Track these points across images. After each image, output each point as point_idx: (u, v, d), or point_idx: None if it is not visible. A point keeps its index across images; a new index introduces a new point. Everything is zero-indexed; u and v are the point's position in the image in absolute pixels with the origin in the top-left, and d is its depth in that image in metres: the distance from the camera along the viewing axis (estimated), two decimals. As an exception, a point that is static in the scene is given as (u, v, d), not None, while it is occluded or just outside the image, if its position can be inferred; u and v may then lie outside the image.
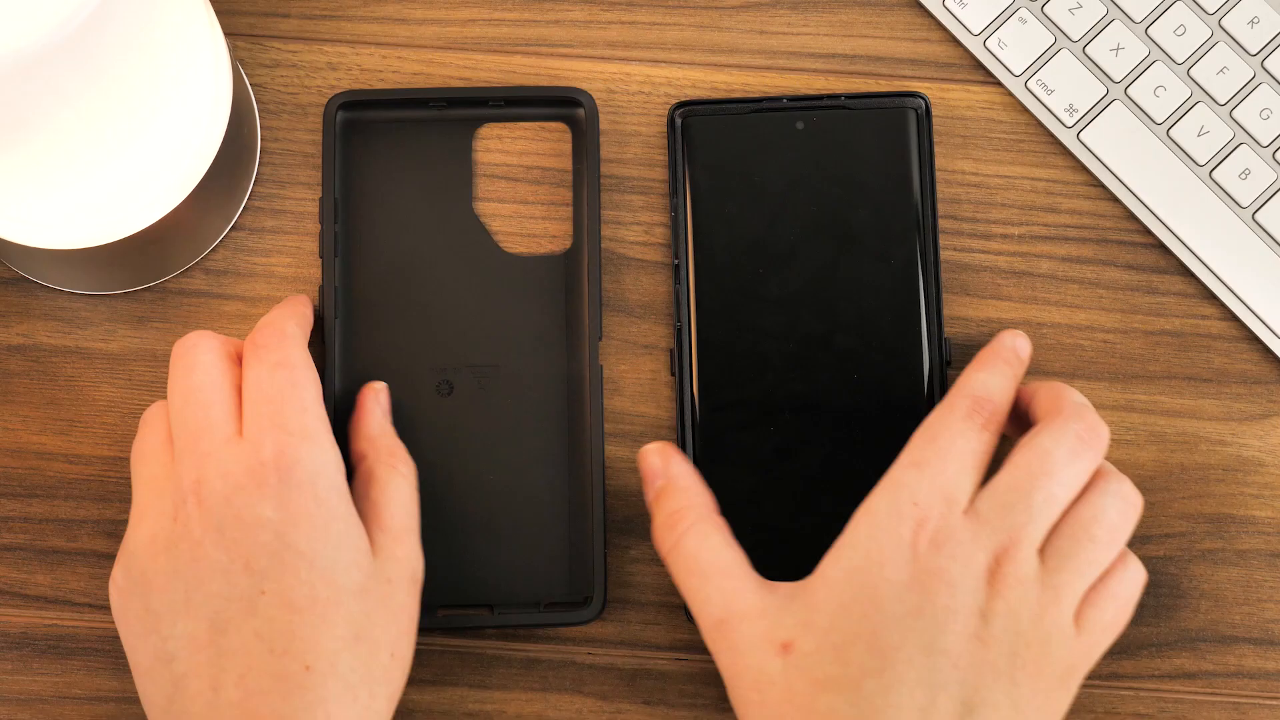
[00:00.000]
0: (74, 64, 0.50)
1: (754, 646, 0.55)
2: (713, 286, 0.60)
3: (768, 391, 0.60)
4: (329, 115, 0.63)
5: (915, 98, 0.62)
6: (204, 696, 0.54)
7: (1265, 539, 0.64)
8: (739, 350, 0.60)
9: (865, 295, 0.60)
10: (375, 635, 0.55)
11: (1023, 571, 0.54)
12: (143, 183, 0.59)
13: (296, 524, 0.55)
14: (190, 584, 0.55)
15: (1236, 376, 0.65)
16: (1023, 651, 0.54)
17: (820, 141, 0.61)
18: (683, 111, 0.62)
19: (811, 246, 0.61)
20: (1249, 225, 0.65)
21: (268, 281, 0.64)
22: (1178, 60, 0.66)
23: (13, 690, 0.62)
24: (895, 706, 0.52)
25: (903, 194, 0.61)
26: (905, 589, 0.54)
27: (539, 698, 0.62)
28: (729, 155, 0.61)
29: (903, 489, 0.55)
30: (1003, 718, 0.53)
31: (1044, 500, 0.55)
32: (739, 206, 0.61)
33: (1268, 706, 0.63)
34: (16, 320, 0.64)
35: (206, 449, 0.56)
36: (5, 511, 0.63)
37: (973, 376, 0.57)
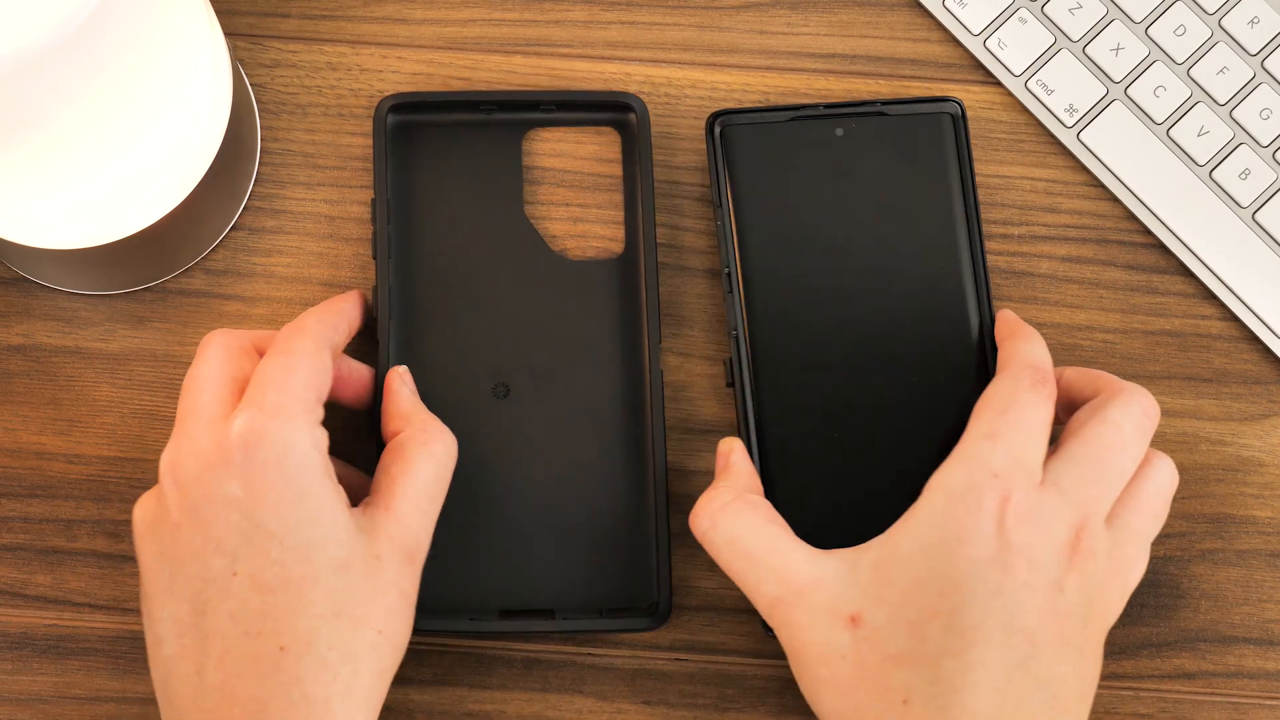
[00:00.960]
0: (74, 64, 0.50)
1: (816, 620, 0.54)
2: (765, 294, 0.60)
3: (827, 396, 0.59)
4: (379, 116, 0.63)
5: (950, 102, 0.62)
6: (190, 680, 0.54)
7: (1265, 539, 0.64)
8: (795, 357, 0.60)
9: (916, 297, 0.60)
10: (357, 611, 0.54)
11: (1097, 544, 0.54)
12: (143, 183, 0.59)
13: (264, 502, 0.54)
14: (173, 566, 0.55)
15: (1236, 376, 0.65)
16: (1090, 622, 0.54)
17: (860, 148, 0.61)
18: (722, 120, 0.62)
19: (860, 251, 0.60)
20: (1249, 225, 0.65)
21: (268, 281, 0.64)
22: (1178, 60, 0.66)
23: (13, 690, 0.62)
24: (973, 686, 0.52)
25: (945, 197, 0.61)
26: (987, 566, 0.53)
27: (539, 698, 0.62)
28: (771, 163, 0.61)
29: (980, 461, 0.54)
30: (1070, 689, 0.53)
31: (1117, 473, 0.55)
32: (784, 213, 0.61)
33: (1268, 706, 0.63)
34: (16, 320, 0.64)
35: (187, 430, 0.56)
36: (5, 511, 0.63)
37: (1023, 348, 0.57)
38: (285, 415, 0.55)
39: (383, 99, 0.63)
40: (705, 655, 0.62)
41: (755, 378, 0.59)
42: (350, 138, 0.65)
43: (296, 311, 0.64)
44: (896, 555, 0.54)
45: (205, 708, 0.53)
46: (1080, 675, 0.54)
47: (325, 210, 0.65)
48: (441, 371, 0.61)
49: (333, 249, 0.65)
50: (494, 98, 0.64)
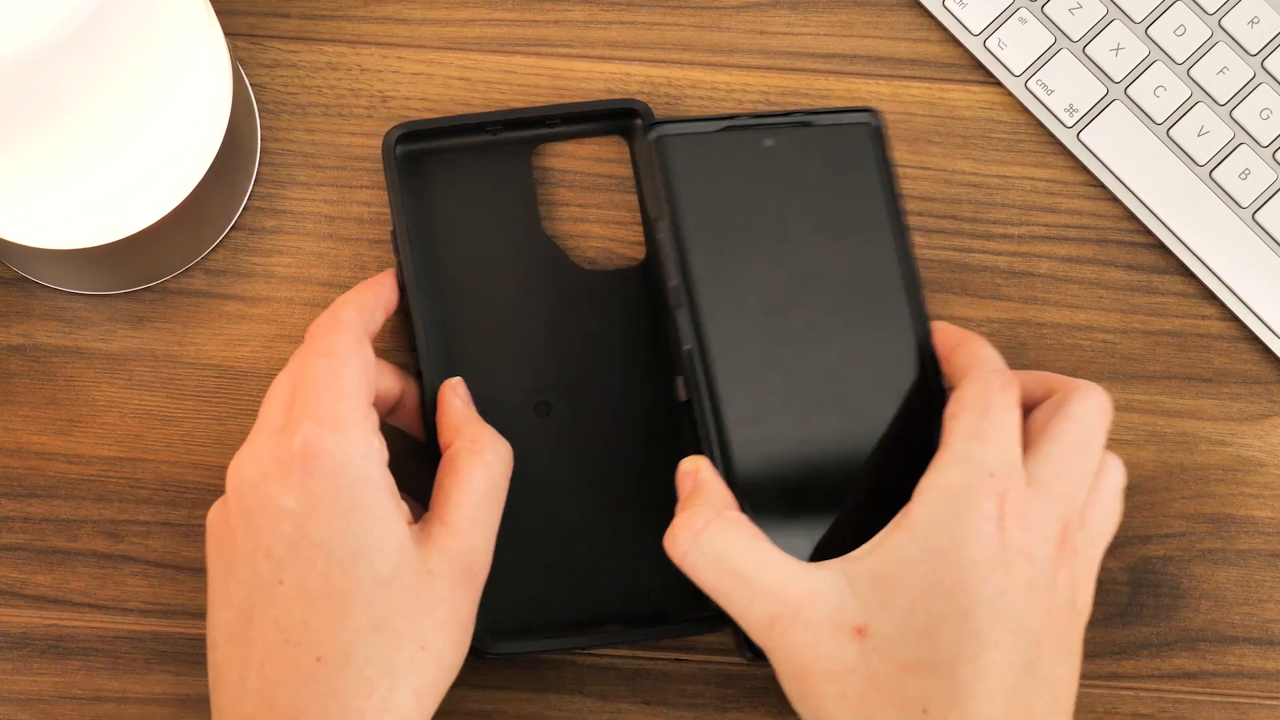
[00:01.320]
0: (74, 64, 0.50)
1: (818, 636, 0.52)
2: (715, 307, 0.59)
3: (785, 407, 0.58)
4: (388, 147, 0.62)
5: (869, 112, 0.61)
6: (234, 686, 0.54)
7: (1265, 539, 0.64)
8: (750, 370, 0.59)
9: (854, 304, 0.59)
10: (398, 626, 0.54)
11: (1078, 541, 0.54)
12: (143, 183, 0.59)
13: (315, 513, 0.54)
14: (226, 571, 0.55)
15: (1236, 376, 0.65)
16: (1076, 619, 0.54)
17: (789, 158, 0.60)
18: (657, 130, 0.60)
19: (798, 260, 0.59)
20: (1249, 225, 0.65)
21: (268, 281, 0.64)
22: (1178, 60, 0.66)
23: (13, 690, 0.62)
24: (988, 691, 0.51)
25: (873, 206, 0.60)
26: (991, 568, 0.52)
27: (539, 698, 0.62)
28: (706, 173, 0.60)
29: (974, 462, 0.53)
30: (1067, 689, 0.53)
31: (1088, 470, 0.55)
32: (724, 225, 0.60)
33: (1268, 706, 0.63)
34: (16, 320, 0.64)
35: (254, 439, 0.56)
36: (5, 511, 0.63)
37: (983, 353, 0.57)
38: (341, 427, 0.55)
39: (390, 130, 0.63)
40: (705, 655, 0.62)
41: (713, 393, 0.57)
42: (350, 138, 0.66)
43: (296, 312, 0.64)
44: (898, 561, 0.53)
45: (245, 712, 0.53)
46: (1073, 675, 0.54)
47: (325, 210, 0.65)
48: (483, 395, 0.60)
49: (333, 249, 0.65)
50: (500, 118, 0.64)
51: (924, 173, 0.66)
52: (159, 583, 0.63)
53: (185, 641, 0.62)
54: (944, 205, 0.66)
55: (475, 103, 0.66)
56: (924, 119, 0.66)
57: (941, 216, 0.66)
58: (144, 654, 0.62)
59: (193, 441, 0.63)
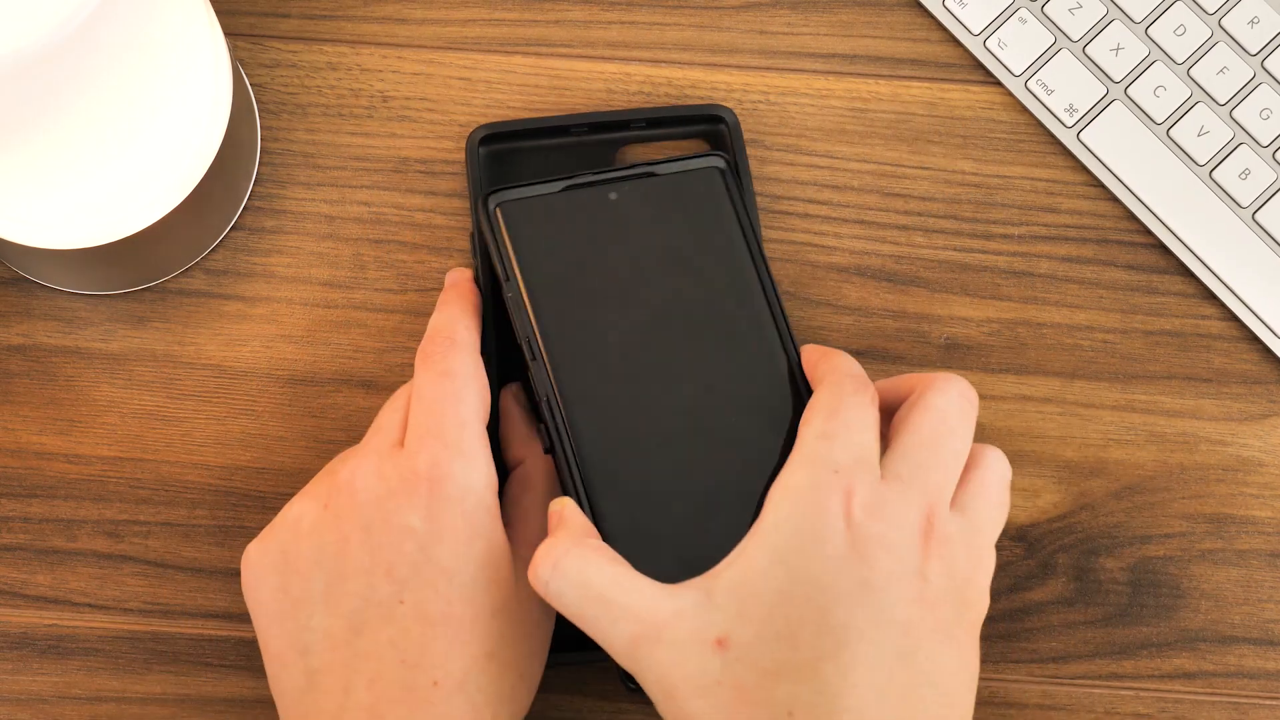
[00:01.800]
0: (74, 64, 0.50)
1: (683, 653, 0.51)
2: (569, 358, 0.59)
3: (650, 448, 0.58)
4: (471, 148, 0.63)
5: (715, 156, 0.61)
6: (335, 697, 0.54)
7: (1265, 539, 0.64)
8: (610, 415, 0.58)
9: (719, 342, 0.59)
10: (506, 656, 0.55)
11: (949, 529, 0.53)
12: (143, 183, 0.59)
13: (441, 538, 0.54)
14: (331, 577, 0.55)
15: (1236, 376, 0.65)
16: (961, 609, 0.53)
17: (636, 209, 0.61)
18: (495, 198, 0.60)
19: (655, 306, 0.59)
20: (1249, 225, 0.65)
21: (268, 281, 0.64)
22: (1178, 60, 0.66)
23: (13, 690, 0.62)
24: (854, 686, 0.50)
25: (727, 246, 0.60)
26: (846, 562, 0.51)
27: (539, 698, 0.62)
28: (551, 233, 0.60)
29: (819, 461, 0.53)
30: (954, 680, 0.52)
31: (951, 456, 0.54)
32: (573, 279, 0.59)
33: (1268, 706, 0.63)
34: (16, 320, 0.64)
35: (375, 447, 0.56)
36: (5, 511, 0.63)
37: (837, 363, 0.56)
38: (469, 456, 0.55)
39: (474, 129, 0.63)
40: (705, 655, 0.62)
41: (571, 438, 0.57)
42: (350, 138, 0.66)
43: (296, 312, 0.64)
44: (752, 569, 0.52)
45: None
46: (964, 666, 0.53)
47: (325, 210, 0.65)
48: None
49: (333, 249, 0.65)
50: (586, 120, 0.64)
51: (924, 173, 0.66)
52: (159, 583, 0.63)
53: (185, 641, 0.62)
54: (944, 205, 0.66)
55: (475, 102, 0.66)
56: (924, 119, 0.66)
57: (941, 216, 0.66)
58: (144, 654, 0.62)
59: (193, 441, 0.63)
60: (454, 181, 0.65)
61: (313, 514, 0.56)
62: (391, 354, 0.64)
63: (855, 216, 0.66)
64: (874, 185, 0.66)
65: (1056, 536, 0.64)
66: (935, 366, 0.64)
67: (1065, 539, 0.64)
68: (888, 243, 0.65)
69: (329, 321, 0.64)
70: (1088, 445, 0.64)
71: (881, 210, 0.66)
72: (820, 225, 0.66)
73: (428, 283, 0.65)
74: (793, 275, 0.65)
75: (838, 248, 0.65)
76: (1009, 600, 0.63)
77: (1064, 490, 0.64)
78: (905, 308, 0.65)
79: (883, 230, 0.66)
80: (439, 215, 0.65)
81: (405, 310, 0.64)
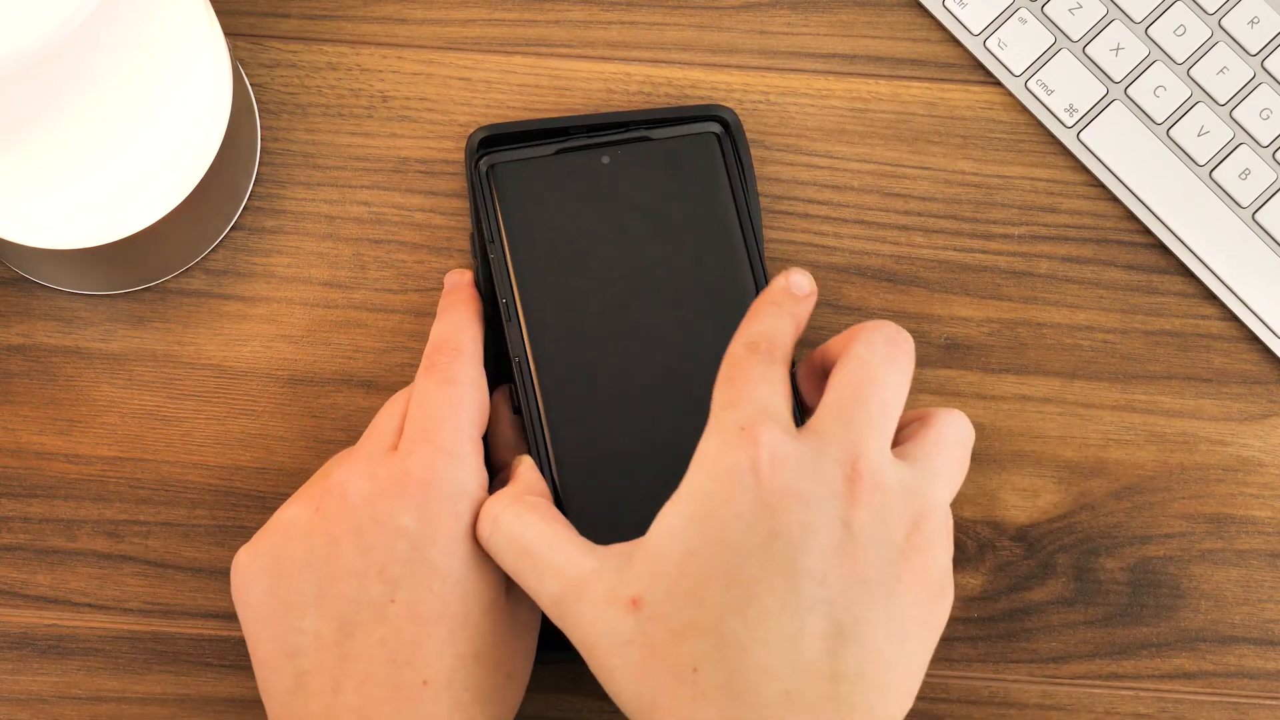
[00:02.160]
0: (74, 64, 0.50)
1: (599, 611, 0.51)
2: (544, 321, 0.59)
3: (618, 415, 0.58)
4: (470, 150, 0.62)
5: (715, 121, 0.61)
6: (324, 698, 0.54)
7: (1265, 539, 0.64)
8: (581, 379, 0.59)
9: (698, 312, 0.59)
10: (495, 656, 0.55)
11: (882, 477, 0.52)
12: (143, 183, 0.59)
13: (435, 538, 0.55)
14: (322, 579, 0.55)
15: (1236, 376, 0.65)
16: (898, 560, 0.51)
17: (628, 173, 0.61)
18: (488, 159, 0.61)
19: (637, 273, 0.60)
20: (1249, 225, 0.65)
21: (268, 281, 0.64)
22: (1178, 60, 0.66)
23: (13, 690, 0.62)
24: (761, 641, 0.50)
25: (717, 213, 0.61)
26: (755, 516, 0.51)
27: (539, 698, 0.62)
28: (540, 195, 0.60)
29: (725, 424, 0.52)
30: (880, 632, 0.50)
31: (879, 406, 0.53)
32: (558, 243, 0.60)
33: (1268, 706, 0.63)
34: (16, 320, 0.64)
35: (368, 451, 0.57)
36: (5, 511, 0.63)
37: (741, 329, 0.55)
38: (461, 460, 0.56)
39: (472, 133, 0.63)
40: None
41: (538, 401, 0.58)
42: (350, 138, 0.66)
43: (296, 312, 0.64)
44: (665, 531, 0.52)
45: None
46: (894, 620, 0.51)
47: (325, 210, 0.65)
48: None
49: (333, 249, 0.65)
50: (586, 122, 0.63)
51: (924, 173, 0.66)
52: (159, 583, 0.63)
53: (185, 641, 0.62)
54: (944, 205, 0.66)
55: (475, 102, 0.66)
56: (924, 119, 0.66)
57: (941, 216, 0.66)
58: (144, 654, 0.62)
59: (193, 441, 0.63)
60: (454, 181, 0.65)
61: (304, 517, 0.56)
62: (391, 354, 0.64)
63: (855, 216, 0.66)
64: (874, 185, 0.66)
65: (1056, 536, 0.64)
66: (935, 366, 0.65)
67: (1065, 539, 0.64)
68: (888, 243, 0.65)
69: (329, 321, 0.64)
70: (1088, 445, 0.64)
71: (881, 210, 0.66)
72: (820, 225, 0.66)
73: (428, 283, 0.65)
74: (793, 275, 0.65)
75: (838, 248, 0.65)
76: (1009, 600, 0.63)
77: (1064, 490, 0.64)
78: (905, 308, 0.65)
79: (883, 230, 0.66)
80: (439, 215, 0.65)
81: (405, 310, 0.64)
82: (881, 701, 0.50)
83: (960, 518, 0.64)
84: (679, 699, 0.50)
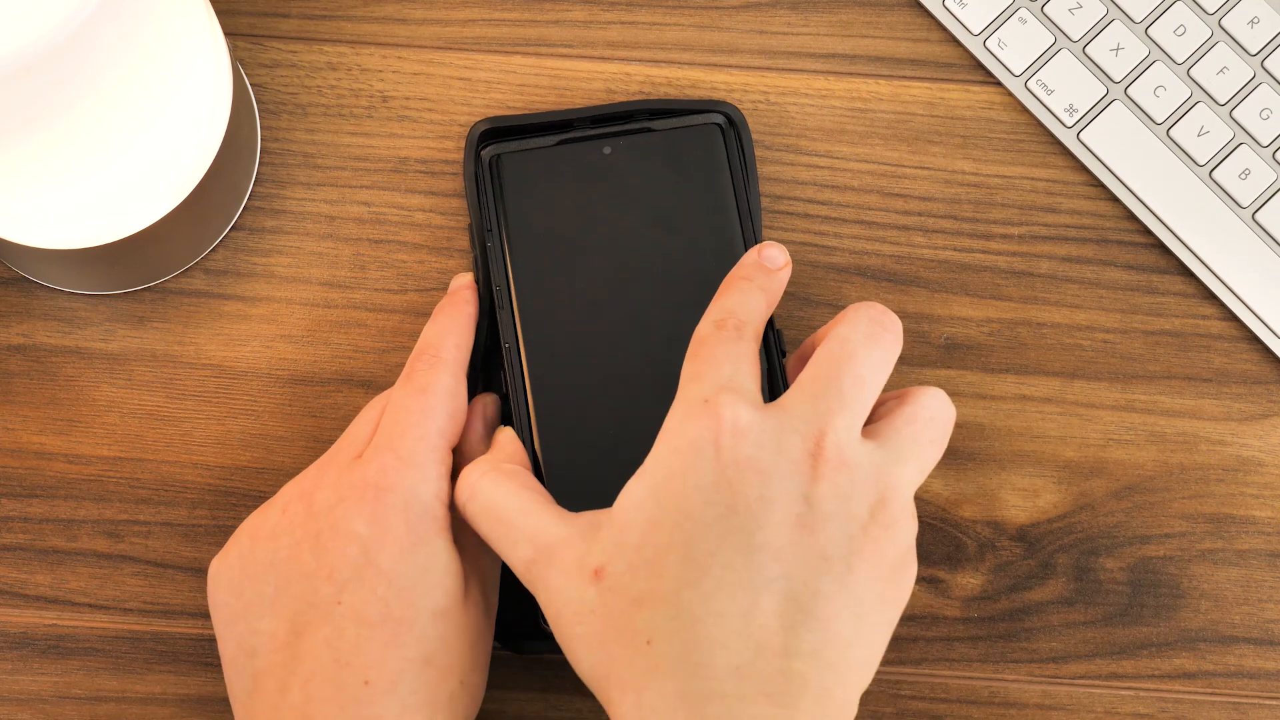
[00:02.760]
0: (74, 64, 0.50)
1: (567, 579, 0.52)
2: (537, 310, 0.60)
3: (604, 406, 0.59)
4: (471, 143, 0.63)
5: (718, 113, 0.62)
6: (272, 697, 0.54)
7: (1265, 539, 0.64)
8: (570, 370, 0.59)
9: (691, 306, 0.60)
10: (446, 660, 0.55)
11: (848, 454, 0.51)
12: (143, 182, 0.59)
13: (384, 543, 0.55)
14: (280, 581, 0.55)
15: (1236, 376, 0.65)
16: (859, 536, 0.51)
17: (630, 165, 0.61)
18: (490, 149, 0.61)
19: (633, 266, 0.60)
20: (1249, 225, 0.65)
21: (268, 281, 0.64)
22: (1178, 60, 0.66)
23: (13, 690, 0.62)
24: (716, 614, 0.49)
25: (717, 207, 0.61)
26: (714, 489, 0.51)
27: (539, 698, 0.62)
28: (541, 186, 0.61)
29: (689, 399, 0.52)
30: (837, 609, 0.50)
31: (853, 383, 0.52)
32: (556, 233, 0.60)
33: (1268, 706, 0.63)
34: (16, 320, 0.64)
35: (335, 460, 0.57)
36: (5, 511, 0.63)
37: (711, 305, 0.55)
38: (418, 466, 0.56)
39: (474, 125, 0.63)
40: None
41: (531, 392, 0.59)
42: (350, 138, 0.66)
43: (296, 312, 0.64)
44: (630, 502, 0.52)
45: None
46: (854, 595, 0.50)
47: (325, 210, 0.65)
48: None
49: (333, 249, 0.65)
50: (589, 114, 0.63)
51: (924, 173, 0.66)
52: (159, 583, 0.63)
53: (185, 641, 0.62)
54: (944, 205, 0.66)
55: (475, 102, 0.66)
56: (924, 119, 0.66)
57: (941, 216, 0.66)
58: (144, 654, 0.62)
59: (193, 441, 0.63)
60: (454, 181, 0.65)
61: (270, 522, 0.57)
62: (391, 354, 0.64)
63: (855, 216, 0.66)
64: (874, 185, 0.66)
65: (1056, 536, 0.64)
66: (935, 366, 0.65)
67: (1065, 539, 0.64)
68: (888, 243, 0.65)
69: (329, 321, 0.64)
70: (1088, 445, 0.64)
71: (881, 210, 0.66)
72: (820, 225, 0.66)
73: (427, 283, 0.65)
74: (793, 275, 0.65)
75: (838, 248, 0.65)
76: (1009, 600, 0.63)
77: (1064, 490, 0.64)
78: (905, 308, 0.65)
79: (883, 230, 0.66)
80: (439, 215, 0.65)
81: (405, 310, 0.64)
82: (836, 678, 0.50)
83: (960, 518, 0.64)
84: (632, 669, 0.50)
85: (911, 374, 0.64)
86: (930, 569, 0.63)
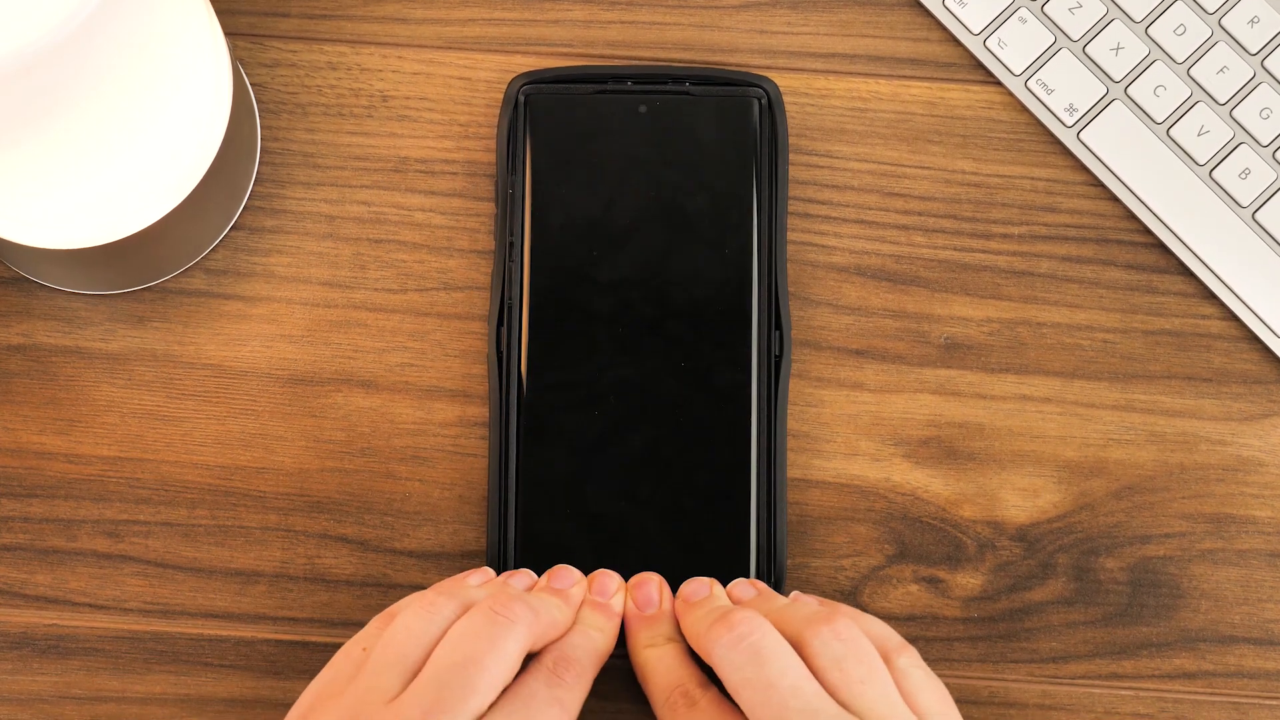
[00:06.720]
0: (74, 64, 0.50)
1: None
2: (546, 266, 0.60)
3: (595, 374, 0.60)
4: (509, 96, 0.63)
5: (759, 88, 0.62)
6: None
7: (1265, 539, 0.64)
8: (568, 332, 0.60)
9: (696, 283, 0.60)
10: None
11: None
12: (143, 183, 0.59)
13: None
14: None
15: (1236, 376, 0.65)
16: None
17: (663, 125, 0.61)
18: (526, 88, 0.61)
19: (647, 231, 0.61)
20: (1249, 225, 0.65)
21: (268, 281, 0.64)
22: (1178, 60, 0.66)
23: (13, 690, 0.62)
24: None
25: (741, 183, 0.61)
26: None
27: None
28: (569, 134, 0.61)
29: None
30: None
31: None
32: (577, 187, 0.61)
33: (1268, 706, 0.63)
34: (16, 320, 0.64)
35: (372, 684, 0.54)
36: (5, 511, 0.63)
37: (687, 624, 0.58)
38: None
39: (514, 77, 0.63)
40: (705, 655, 0.62)
41: (526, 348, 0.59)
42: (350, 138, 0.66)
43: (296, 312, 0.64)
44: None
45: None
46: None
47: (325, 210, 0.65)
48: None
49: (333, 249, 0.65)
50: (629, 73, 0.63)
51: (924, 173, 0.66)
52: (159, 583, 0.63)
53: (185, 641, 0.62)
54: (944, 205, 0.66)
55: (475, 102, 0.66)
56: (924, 119, 0.66)
57: (941, 216, 0.66)
58: (144, 654, 0.62)
59: (193, 441, 0.63)
60: (454, 181, 0.65)
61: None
62: (391, 354, 0.64)
63: (855, 216, 0.66)
64: (874, 185, 0.66)
65: (1056, 536, 0.64)
66: (935, 367, 0.64)
67: (1065, 539, 0.64)
68: (888, 242, 0.65)
69: (329, 321, 0.64)
70: (1088, 445, 0.64)
71: (881, 210, 0.66)
72: (820, 225, 0.66)
73: (428, 283, 0.65)
74: (793, 275, 0.65)
75: (838, 248, 0.65)
76: (1009, 600, 0.63)
77: (1064, 490, 0.64)
78: (905, 307, 0.65)
79: (883, 230, 0.66)
80: (439, 215, 0.65)
81: (405, 310, 0.64)
82: None
83: (960, 518, 0.64)
84: None
85: (912, 374, 0.64)
86: (930, 569, 0.63)
